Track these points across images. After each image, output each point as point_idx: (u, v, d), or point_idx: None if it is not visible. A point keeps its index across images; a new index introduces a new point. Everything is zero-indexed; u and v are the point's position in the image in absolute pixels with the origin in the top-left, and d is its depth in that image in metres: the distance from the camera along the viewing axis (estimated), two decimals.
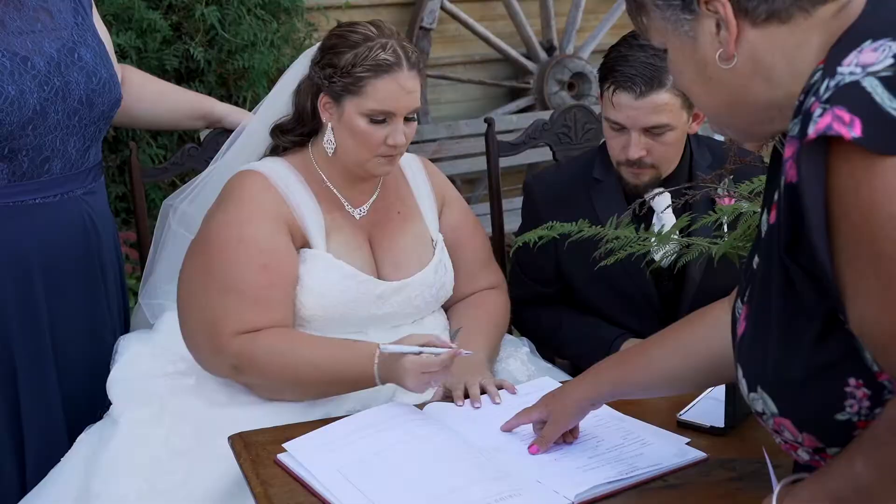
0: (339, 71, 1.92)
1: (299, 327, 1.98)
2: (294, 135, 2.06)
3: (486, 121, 2.69)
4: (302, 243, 1.99)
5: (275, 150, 2.08)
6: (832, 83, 1.00)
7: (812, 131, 0.98)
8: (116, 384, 1.99)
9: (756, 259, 1.21)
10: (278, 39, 3.85)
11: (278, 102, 2.14)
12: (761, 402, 1.15)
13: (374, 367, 1.79)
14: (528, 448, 1.62)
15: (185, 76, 3.76)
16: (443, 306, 2.19)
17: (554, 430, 1.61)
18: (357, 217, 2.06)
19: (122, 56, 3.49)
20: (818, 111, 0.99)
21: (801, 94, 1.07)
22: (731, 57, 1.12)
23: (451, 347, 1.75)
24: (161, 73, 3.60)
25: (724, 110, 1.19)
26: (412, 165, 2.18)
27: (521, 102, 5.19)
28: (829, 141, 0.98)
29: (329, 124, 1.98)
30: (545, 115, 3.21)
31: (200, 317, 1.92)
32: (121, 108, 2.22)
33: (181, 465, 1.80)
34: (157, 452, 1.83)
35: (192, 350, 1.96)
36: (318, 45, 2.03)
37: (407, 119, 1.95)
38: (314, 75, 1.99)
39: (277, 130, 2.08)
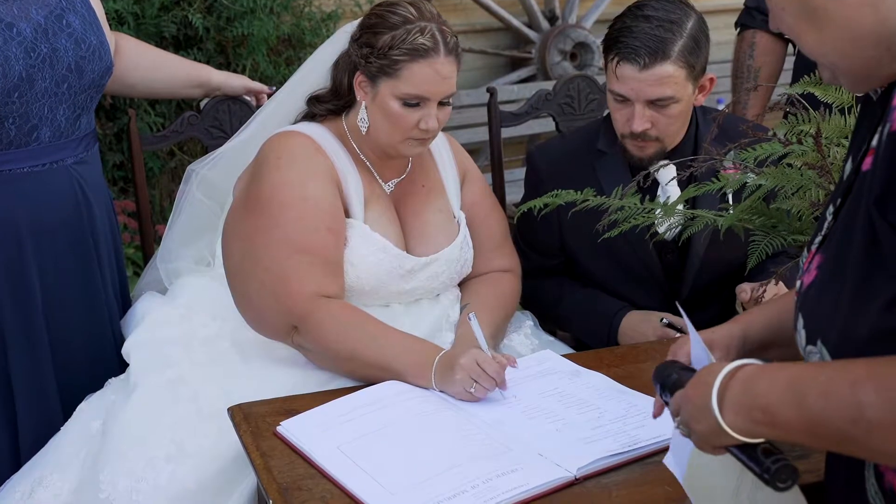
0: (375, 51, 1.90)
1: None
2: (330, 105, 2.04)
3: (488, 90, 2.66)
4: (343, 211, 1.97)
5: (307, 119, 2.06)
6: None
7: None
8: (139, 348, 1.98)
9: (831, 208, 1.16)
10: (278, 6, 3.82)
11: (310, 75, 2.12)
12: (818, 356, 1.10)
13: (435, 362, 1.77)
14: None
15: (183, 43, 3.73)
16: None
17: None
18: (388, 191, 2.05)
19: (120, 22, 3.45)
20: None
21: None
22: None
23: (511, 366, 1.76)
24: (159, 39, 3.57)
25: (832, 48, 1.12)
26: (437, 141, 2.14)
27: (523, 72, 5.15)
28: None
29: (363, 103, 1.96)
30: (547, 85, 3.18)
31: (266, 277, 1.88)
32: (116, 77, 2.19)
33: (211, 428, 1.79)
34: (186, 414, 1.82)
35: (249, 310, 1.94)
36: (358, 20, 2.00)
37: (441, 103, 1.93)
38: (352, 52, 1.97)
39: (314, 99, 2.06)
